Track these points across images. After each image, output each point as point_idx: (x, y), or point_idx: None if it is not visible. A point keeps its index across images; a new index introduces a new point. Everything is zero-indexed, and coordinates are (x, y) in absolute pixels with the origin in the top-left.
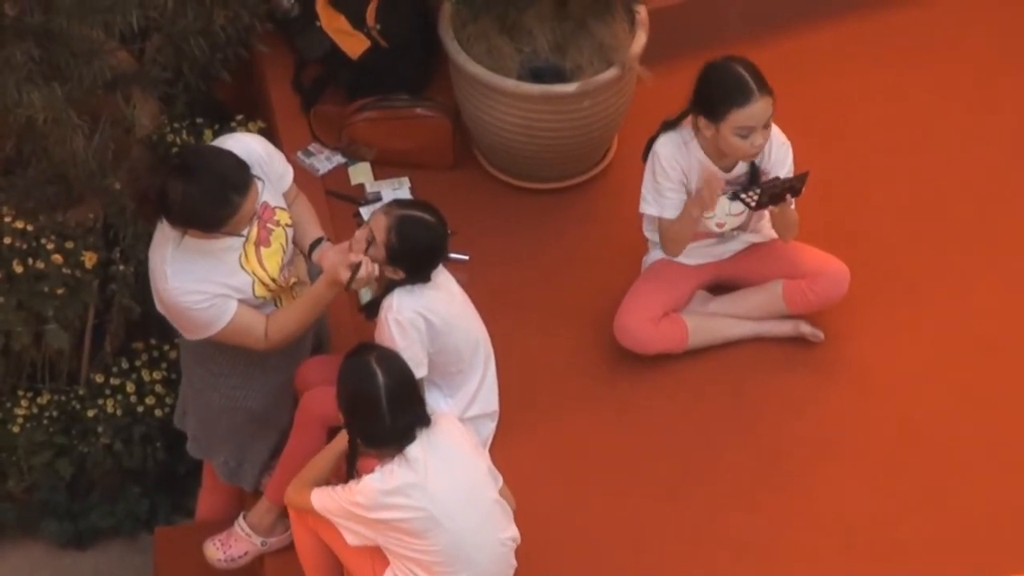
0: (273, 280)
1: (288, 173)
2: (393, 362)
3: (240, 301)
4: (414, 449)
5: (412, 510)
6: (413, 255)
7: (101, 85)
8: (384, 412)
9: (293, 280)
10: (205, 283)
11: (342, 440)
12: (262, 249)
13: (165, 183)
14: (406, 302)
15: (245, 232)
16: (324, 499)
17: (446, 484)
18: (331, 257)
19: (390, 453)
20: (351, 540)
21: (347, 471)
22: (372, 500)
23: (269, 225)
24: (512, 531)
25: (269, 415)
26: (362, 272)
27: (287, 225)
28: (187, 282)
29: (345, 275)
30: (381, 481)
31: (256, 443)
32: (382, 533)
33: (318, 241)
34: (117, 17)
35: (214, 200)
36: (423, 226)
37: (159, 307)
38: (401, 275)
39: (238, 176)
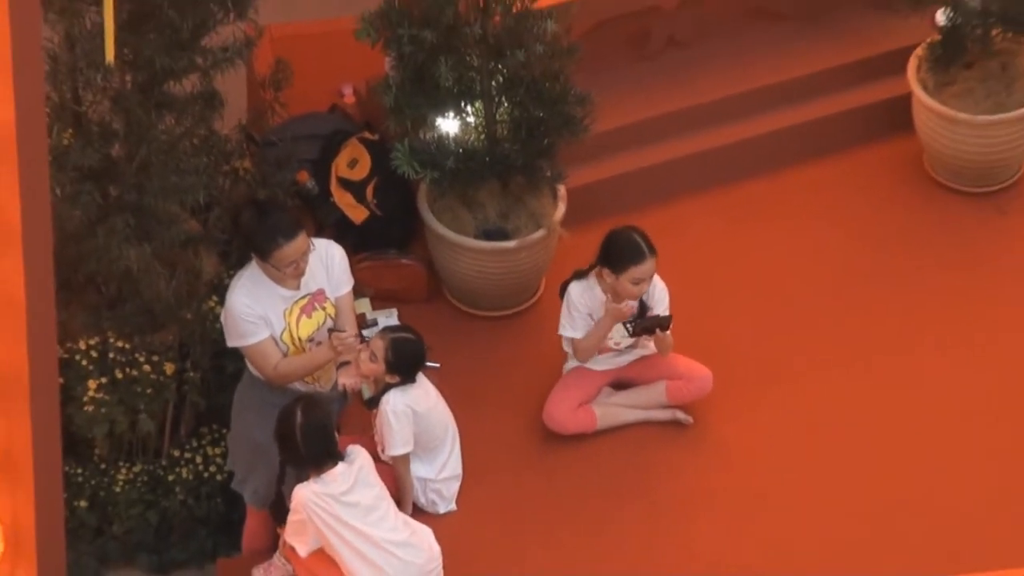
0: (298, 339)
1: (345, 286)
2: (315, 408)
3: (270, 335)
4: (331, 471)
5: (322, 511)
6: (404, 364)
7: (177, 244)
8: (298, 440)
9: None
10: (258, 304)
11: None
12: (304, 317)
13: (244, 208)
14: (399, 398)
15: (296, 291)
16: (289, 529)
17: (358, 497)
18: (344, 372)
19: (312, 475)
20: (301, 552)
21: (276, 493)
22: (296, 500)
23: (316, 305)
24: (402, 536)
25: (267, 449)
26: (350, 386)
27: (330, 315)
28: (247, 295)
29: (347, 382)
30: (303, 487)
31: (256, 469)
32: (312, 531)
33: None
34: (189, 196)
35: (265, 234)
36: (410, 343)
37: (222, 315)
38: (397, 379)
39: (287, 227)
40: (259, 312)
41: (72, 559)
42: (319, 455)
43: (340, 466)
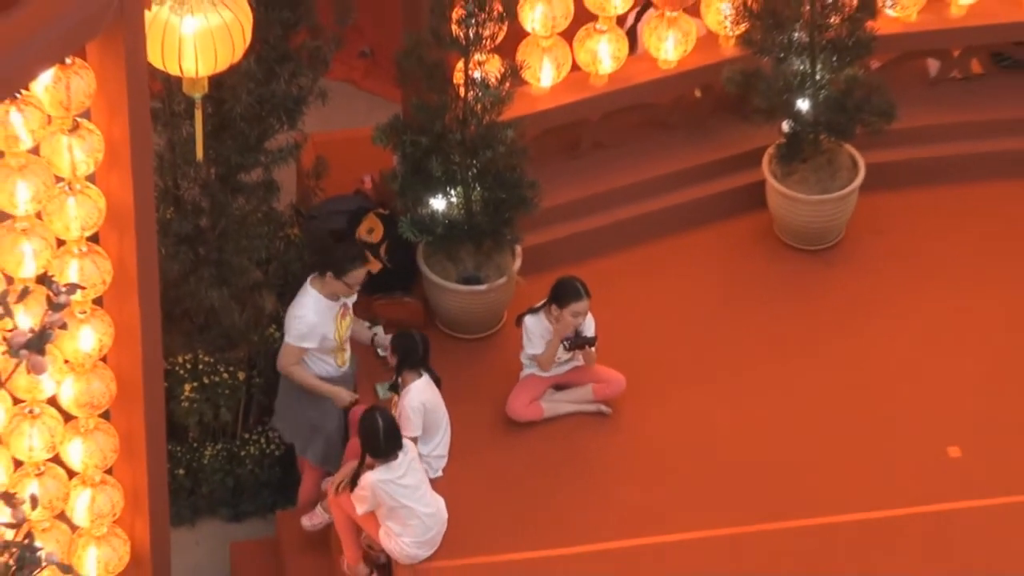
0: (342, 337)
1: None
2: (386, 414)
3: (323, 337)
4: (394, 461)
5: (384, 493)
6: (402, 348)
7: (246, 288)
8: (381, 438)
9: (345, 353)
10: (321, 321)
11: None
12: (342, 320)
13: (328, 235)
14: (417, 396)
15: (340, 303)
16: (355, 497)
17: (409, 480)
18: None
19: (379, 463)
20: (359, 511)
21: (356, 471)
22: (365, 482)
23: (344, 312)
24: (432, 509)
25: (323, 426)
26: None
27: (351, 323)
28: (316, 315)
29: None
30: (371, 473)
31: (314, 440)
32: (371, 501)
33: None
34: (255, 254)
35: (355, 256)
36: (406, 337)
37: (292, 318)
38: (393, 359)
39: (351, 259)
40: (320, 331)
41: (173, 512)
42: (391, 448)
43: (400, 456)
